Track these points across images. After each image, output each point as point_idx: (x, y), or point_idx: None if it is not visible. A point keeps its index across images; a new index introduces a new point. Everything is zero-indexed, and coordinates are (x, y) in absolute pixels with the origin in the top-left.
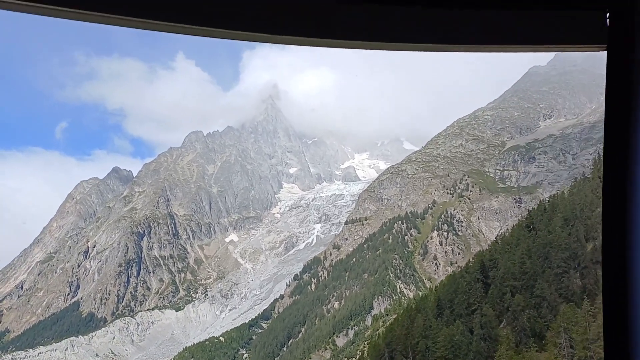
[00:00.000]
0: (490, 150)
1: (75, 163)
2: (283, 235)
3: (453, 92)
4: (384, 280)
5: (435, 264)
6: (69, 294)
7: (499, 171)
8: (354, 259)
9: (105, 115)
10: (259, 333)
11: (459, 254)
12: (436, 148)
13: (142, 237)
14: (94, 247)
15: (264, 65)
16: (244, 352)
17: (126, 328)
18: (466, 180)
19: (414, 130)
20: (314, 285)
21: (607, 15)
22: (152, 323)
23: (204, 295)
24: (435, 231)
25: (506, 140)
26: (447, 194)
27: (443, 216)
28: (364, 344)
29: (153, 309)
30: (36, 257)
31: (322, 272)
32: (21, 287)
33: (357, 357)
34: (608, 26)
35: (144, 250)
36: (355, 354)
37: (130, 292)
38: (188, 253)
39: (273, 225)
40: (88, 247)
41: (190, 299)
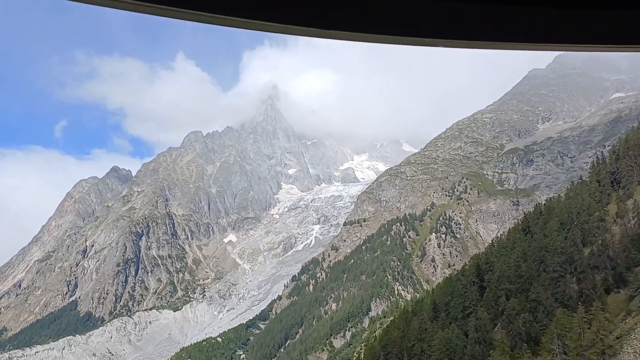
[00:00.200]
0: (489, 152)
1: (75, 162)
2: (282, 236)
3: (453, 95)
4: (382, 282)
5: (433, 266)
6: (66, 293)
7: (497, 174)
8: (352, 261)
9: (105, 114)
10: (256, 334)
11: (456, 257)
12: (435, 150)
13: (141, 237)
14: (93, 247)
15: (264, 65)
16: (241, 353)
17: (124, 328)
18: (465, 182)
19: (413, 132)
20: (312, 287)
21: None
22: (150, 323)
23: (202, 296)
24: (433, 233)
25: (505, 143)
26: (446, 196)
27: (441, 218)
28: (361, 346)
29: (151, 308)
30: (34, 256)
31: (320, 274)
32: (19, 286)
33: (354, 359)
34: None
35: (142, 249)
36: (352, 355)
37: (128, 292)
38: (186, 253)
39: (272, 226)
40: (86, 246)
41: (188, 299)
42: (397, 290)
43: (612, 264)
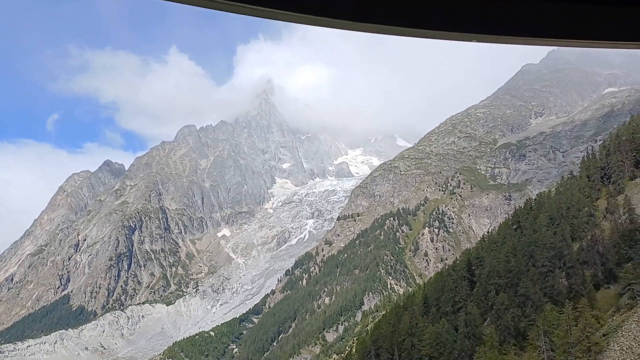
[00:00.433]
0: (482, 147)
1: (67, 155)
2: (275, 231)
3: (447, 89)
4: (375, 277)
5: (426, 261)
6: (59, 287)
7: (490, 168)
8: (346, 255)
9: (97, 108)
10: (249, 328)
11: (449, 251)
12: (429, 145)
13: (134, 231)
14: (85, 241)
15: (259, 59)
16: (234, 347)
17: (116, 322)
18: (458, 177)
19: (407, 126)
20: (305, 281)
21: None
22: (143, 317)
23: (195, 290)
24: (426, 228)
25: (498, 138)
26: (439, 190)
27: (434, 213)
28: (353, 340)
29: (144, 303)
30: (27, 250)
31: (314, 268)
32: (11, 280)
33: (346, 353)
34: None
35: (135, 244)
36: (344, 349)
37: (121, 286)
38: (180, 247)
39: (265, 220)
40: (79, 240)
41: (181, 293)
42: (390, 284)
43: (602, 260)
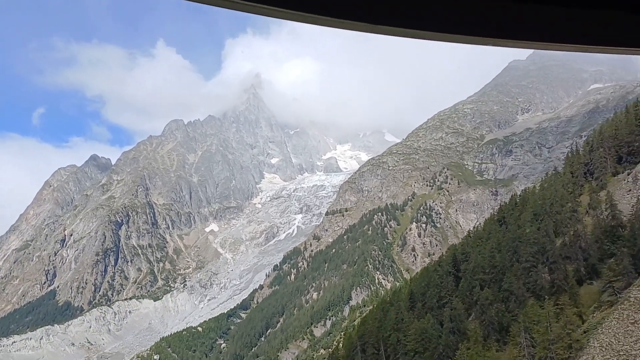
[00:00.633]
0: (470, 143)
1: (53, 150)
2: (264, 226)
3: (435, 85)
4: (363, 272)
5: (414, 255)
6: (45, 282)
7: (477, 164)
8: (334, 250)
9: (83, 102)
10: (237, 323)
11: (436, 246)
12: (417, 140)
13: (120, 226)
14: (71, 236)
15: (247, 54)
16: (222, 342)
17: (103, 317)
18: (445, 172)
19: (396, 122)
20: (293, 276)
21: None
22: (130, 312)
23: (182, 285)
24: (414, 223)
25: (485, 134)
26: (427, 186)
27: (422, 208)
28: (341, 334)
29: (131, 298)
30: (12, 245)
31: (302, 263)
32: None
33: (333, 348)
34: None
35: (122, 239)
36: (332, 344)
37: (108, 281)
38: (167, 242)
39: (254, 216)
40: (65, 236)
41: (168, 288)
42: (378, 279)
43: (584, 255)
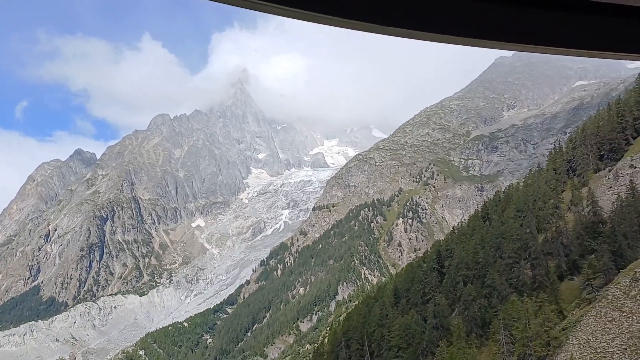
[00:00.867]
0: (456, 139)
1: (36, 144)
2: (250, 221)
3: (422, 81)
4: (349, 267)
5: (400, 251)
6: (29, 277)
7: (463, 160)
8: (320, 245)
9: (67, 95)
10: (223, 318)
11: (422, 241)
12: (404, 136)
13: (105, 221)
14: (55, 231)
15: (234, 48)
16: (208, 337)
17: (88, 313)
18: (432, 168)
19: (383, 117)
20: (280, 271)
21: None
22: (115, 308)
23: (168, 281)
24: (400, 218)
25: (471, 130)
26: (413, 181)
27: (408, 204)
28: (327, 330)
29: (116, 293)
30: None
31: (289, 258)
32: None
33: (319, 343)
34: None
35: (107, 234)
36: (318, 339)
37: (93, 277)
38: (153, 238)
39: (241, 211)
40: (49, 231)
41: (154, 284)
42: (364, 274)
43: (565, 251)
